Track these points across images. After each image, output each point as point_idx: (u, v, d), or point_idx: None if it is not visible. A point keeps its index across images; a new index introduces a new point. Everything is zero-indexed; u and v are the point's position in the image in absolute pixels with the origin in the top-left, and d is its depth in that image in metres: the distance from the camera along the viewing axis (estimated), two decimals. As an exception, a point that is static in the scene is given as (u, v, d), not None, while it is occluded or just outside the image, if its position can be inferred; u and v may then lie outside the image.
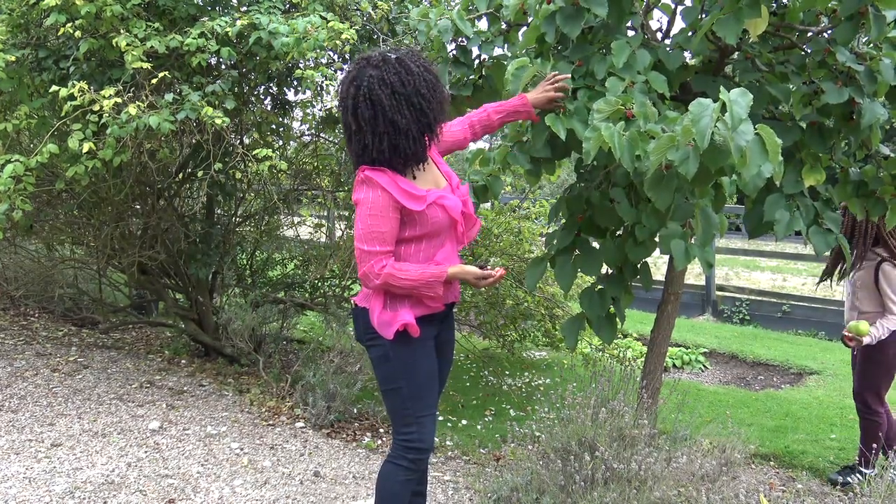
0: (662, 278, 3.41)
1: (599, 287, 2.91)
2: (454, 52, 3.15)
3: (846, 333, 3.43)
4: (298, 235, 5.91)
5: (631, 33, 2.85)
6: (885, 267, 3.42)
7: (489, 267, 2.24)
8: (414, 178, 2.21)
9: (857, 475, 3.58)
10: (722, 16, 2.42)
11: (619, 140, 2.19)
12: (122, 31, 3.54)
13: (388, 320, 2.22)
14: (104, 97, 3.41)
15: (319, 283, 5.58)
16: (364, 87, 2.10)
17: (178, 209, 5.11)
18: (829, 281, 3.73)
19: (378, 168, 2.15)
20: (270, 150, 3.78)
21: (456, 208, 2.23)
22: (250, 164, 3.84)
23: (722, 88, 1.97)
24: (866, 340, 3.42)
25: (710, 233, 2.53)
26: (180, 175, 4.83)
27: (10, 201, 3.42)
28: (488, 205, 5.70)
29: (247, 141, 4.86)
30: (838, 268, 3.69)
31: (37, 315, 6.01)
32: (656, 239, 2.65)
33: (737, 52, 2.94)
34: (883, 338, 3.44)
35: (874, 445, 3.56)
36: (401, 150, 2.13)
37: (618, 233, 2.93)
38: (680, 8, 2.94)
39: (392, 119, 2.09)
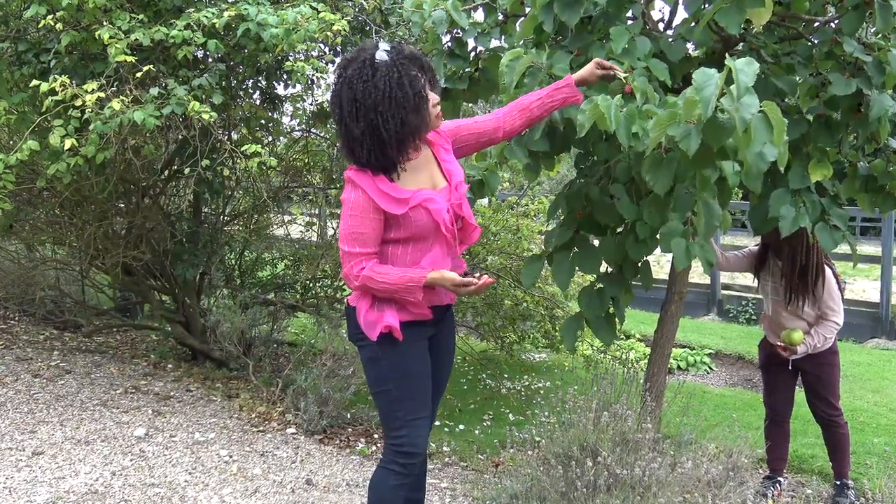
0: (665, 277, 3.42)
1: (598, 286, 2.92)
2: (450, 44, 3.15)
3: (779, 343, 3.44)
4: (289, 234, 5.92)
5: (632, 23, 2.86)
6: (827, 273, 3.39)
7: (477, 275, 2.22)
8: (399, 177, 2.21)
9: (852, 491, 3.61)
10: (725, 5, 2.43)
11: (616, 113, 2.18)
12: (104, 23, 3.53)
13: (373, 320, 2.24)
14: (87, 92, 3.40)
15: (311, 284, 5.59)
16: (338, 85, 2.17)
17: (164, 208, 5.11)
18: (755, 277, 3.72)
19: (361, 168, 2.19)
20: (259, 146, 3.78)
21: (440, 211, 2.20)
22: (239, 161, 3.84)
23: (728, 57, 1.94)
24: (801, 350, 3.40)
25: (712, 225, 2.52)
26: (166, 172, 4.83)
27: (-11, 200, 3.42)
28: (485, 201, 5.71)
29: (235, 137, 4.86)
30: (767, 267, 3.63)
31: (17, 318, 5.99)
32: (657, 237, 2.65)
33: (741, 44, 2.95)
34: (819, 346, 3.43)
35: (848, 453, 3.62)
36: (356, 156, 2.17)
37: (618, 230, 2.93)
38: (682, -3, 2.94)
39: (347, 125, 2.14)
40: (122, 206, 4.92)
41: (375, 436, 4.15)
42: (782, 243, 3.38)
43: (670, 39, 2.83)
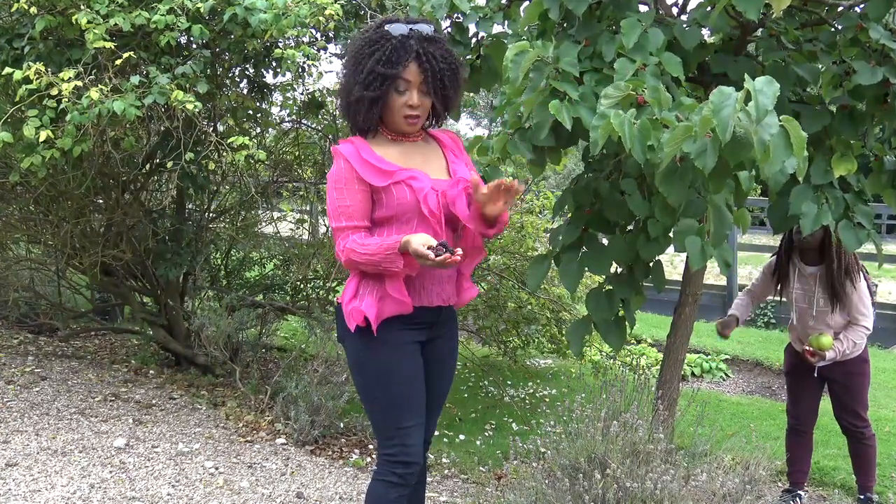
0: (678, 278, 3.42)
1: (608, 287, 2.93)
2: (449, 29, 3.15)
3: (807, 348, 3.44)
4: (278, 232, 5.91)
5: (643, 8, 2.86)
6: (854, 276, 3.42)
7: (457, 250, 2.08)
8: (389, 154, 2.24)
9: None
10: (742, -12, 2.43)
11: (630, 129, 2.19)
12: (82, 6, 3.53)
13: (352, 311, 2.25)
14: (63, 80, 3.40)
15: (302, 285, 5.59)
16: None
17: (146, 204, 5.11)
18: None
19: (348, 139, 2.26)
20: (247, 138, 3.78)
21: (422, 189, 2.20)
22: (225, 154, 3.84)
23: (747, 77, 1.96)
24: (830, 356, 3.41)
25: (723, 232, 2.54)
26: (147, 166, 4.83)
27: (-41, 196, 3.42)
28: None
29: (221, 128, 4.86)
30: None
31: (-11, 321, 6.00)
32: (670, 235, 2.65)
33: (760, 29, 2.95)
34: (848, 352, 3.45)
35: (874, 467, 3.65)
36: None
37: (629, 228, 2.94)
38: (697, -20, 2.95)
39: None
40: (100, 201, 4.92)
41: (370, 446, 4.15)
42: (823, 247, 3.40)
43: (685, 25, 2.83)
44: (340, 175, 2.21)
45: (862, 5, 2.78)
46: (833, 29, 2.93)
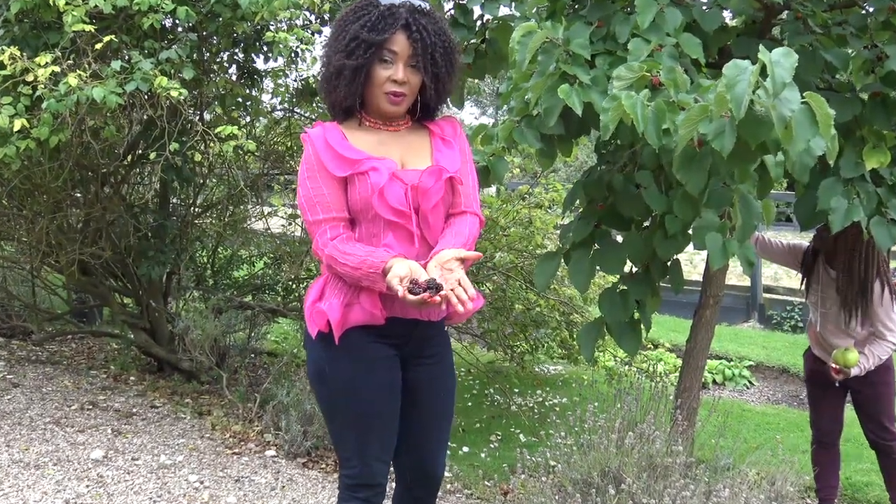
0: (698, 278, 3.42)
1: (622, 288, 2.92)
2: (452, 11, 3.16)
3: (833, 365, 3.43)
4: (269, 228, 5.92)
5: (661, -11, 2.86)
6: (877, 288, 3.39)
7: (442, 293, 1.95)
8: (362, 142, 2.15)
9: None
10: (767, -33, 2.43)
11: (643, 111, 2.17)
12: (59, -14, 3.54)
13: (315, 313, 2.17)
14: (39, 65, 3.41)
15: (294, 285, 5.60)
16: None
17: (127, 198, 5.12)
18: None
19: (320, 122, 2.18)
20: (236, 127, 3.79)
21: (378, 184, 2.06)
22: (212, 145, 3.85)
23: (762, 48, 1.95)
24: (854, 372, 3.39)
25: (751, 224, 2.53)
26: (129, 157, 4.84)
27: (-73, 189, 3.44)
28: (493, 190, 5.71)
29: (208, 117, 4.87)
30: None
31: (-41, 324, 6.02)
32: (689, 231, 2.65)
33: (786, 11, 2.95)
34: (871, 368, 3.43)
35: None
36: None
37: (644, 224, 2.94)
38: (719, -42, 2.95)
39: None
40: (78, 195, 4.93)
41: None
42: (837, 252, 3.39)
43: (704, 7, 2.83)
44: (310, 162, 2.11)
45: (895, -15, 2.78)
46: (864, 11, 2.93)
